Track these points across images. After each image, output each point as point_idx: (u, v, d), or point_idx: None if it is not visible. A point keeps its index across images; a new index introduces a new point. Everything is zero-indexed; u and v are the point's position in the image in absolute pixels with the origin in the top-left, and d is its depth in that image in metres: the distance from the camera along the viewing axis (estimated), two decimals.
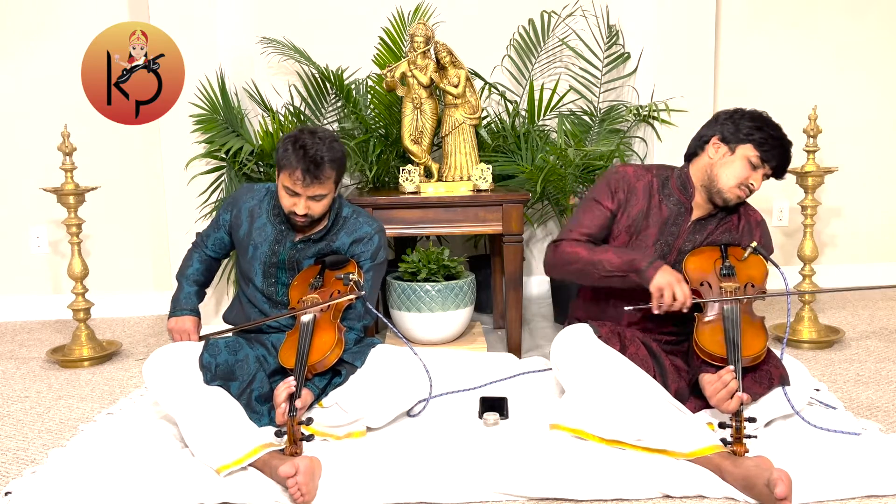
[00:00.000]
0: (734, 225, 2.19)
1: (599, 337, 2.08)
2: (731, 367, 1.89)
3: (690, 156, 2.21)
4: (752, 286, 2.08)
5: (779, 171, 2.14)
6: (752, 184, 2.11)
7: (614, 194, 2.20)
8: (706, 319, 2.04)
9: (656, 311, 2.02)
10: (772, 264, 2.15)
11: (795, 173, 2.90)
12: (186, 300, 2.30)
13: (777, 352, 2.10)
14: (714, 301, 2.04)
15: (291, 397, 1.89)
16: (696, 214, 2.18)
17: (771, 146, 2.09)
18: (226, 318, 2.35)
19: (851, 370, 2.58)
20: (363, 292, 2.12)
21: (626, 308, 2.09)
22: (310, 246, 2.23)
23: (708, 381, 1.93)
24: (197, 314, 2.30)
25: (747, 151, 2.09)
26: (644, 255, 2.08)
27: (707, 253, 2.15)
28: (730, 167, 2.11)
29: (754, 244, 2.13)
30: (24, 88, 3.40)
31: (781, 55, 3.59)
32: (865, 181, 3.71)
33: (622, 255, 2.09)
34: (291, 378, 1.92)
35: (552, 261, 2.23)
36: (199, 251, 2.38)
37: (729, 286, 2.06)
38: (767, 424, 2.04)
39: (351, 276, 2.13)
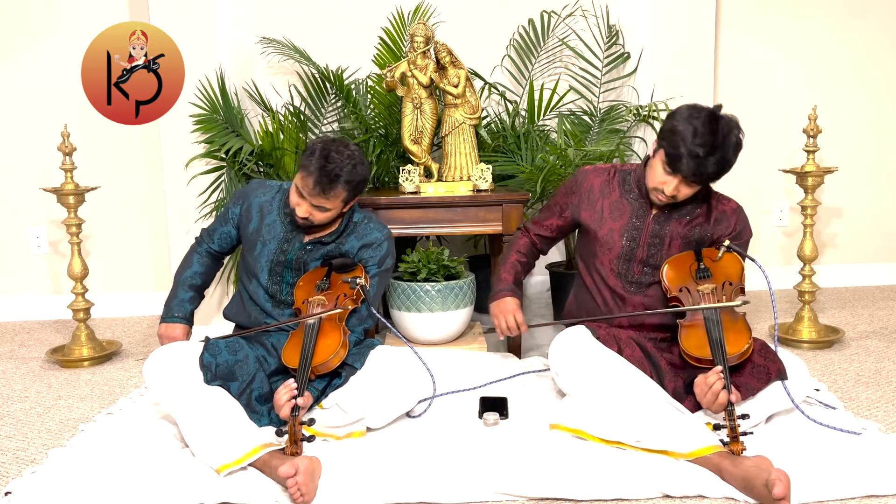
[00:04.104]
0: (705, 219, 2.18)
1: (597, 339, 2.09)
2: (719, 368, 1.90)
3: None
4: (730, 284, 2.10)
5: (696, 181, 2.03)
6: (664, 190, 2.05)
7: (566, 196, 2.31)
8: (688, 324, 2.06)
9: (500, 337, 2.36)
10: (749, 259, 2.17)
11: (795, 173, 2.90)
12: (179, 307, 2.30)
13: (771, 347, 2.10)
14: (690, 309, 2.06)
15: (293, 396, 1.89)
16: (657, 208, 2.18)
17: (678, 157, 1.98)
18: (226, 315, 2.35)
19: (851, 370, 2.58)
20: (370, 294, 2.14)
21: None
22: (319, 248, 2.23)
23: (697, 383, 1.95)
24: (188, 322, 2.30)
25: (661, 156, 2.04)
26: (501, 283, 2.37)
27: (682, 259, 2.17)
28: (651, 169, 2.10)
29: (727, 243, 2.14)
30: (25, 88, 3.40)
31: (781, 55, 3.59)
32: (865, 181, 3.71)
33: (499, 274, 2.39)
34: (292, 381, 1.93)
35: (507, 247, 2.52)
36: (200, 250, 2.37)
37: (705, 288, 2.08)
38: (768, 420, 2.05)
39: (358, 280, 2.14)
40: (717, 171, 2.01)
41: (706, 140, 1.97)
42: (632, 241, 2.17)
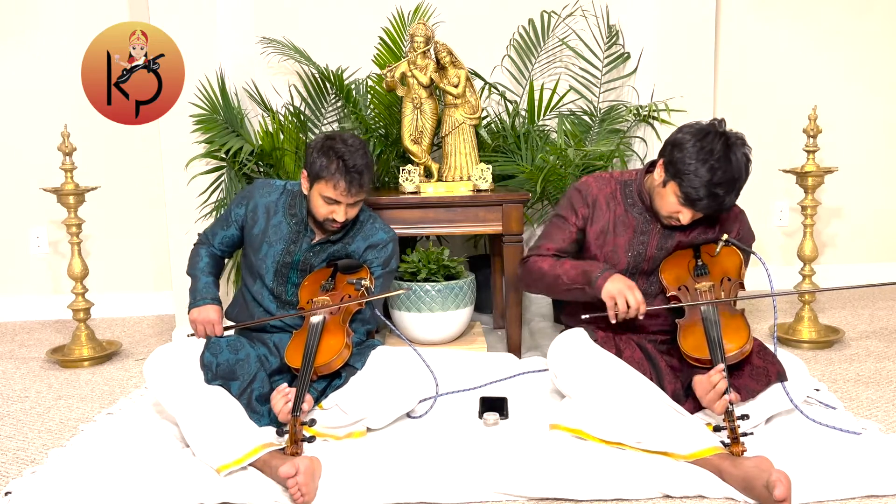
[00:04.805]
0: (710, 224, 2.15)
1: (595, 341, 2.09)
2: (720, 367, 1.88)
3: (653, 164, 2.14)
4: (728, 280, 2.08)
5: (708, 214, 2.03)
6: (679, 219, 2.04)
7: (576, 210, 2.20)
8: (686, 323, 2.04)
9: (613, 321, 2.04)
10: (749, 253, 2.15)
11: (795, 173, 2.90)
12: (206, 289, 2.27)
13: (770, 347, 2.09)
14: (688, 305, 2.04)
15: (296, 395, 1.89)
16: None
17: (698, 198, 1.95)
18: (228, 315, 2.35)
19: (851, 370, 2.58)
20: (376, 295, 2.15)
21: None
22: (326, 248, 2.24)
23: (698, 382, 1.93)
24: (219, 303, 2.27)
25: (675, 189, 2.00)
26: (596, 266, 2.09)
27: (680, 256, 2.15)
28: (662, 197, 2.05)
29: (725, 237, 2.11)
30: (24, 88, 3.39)
31: (782, 55, 3.59)
32: (865, 181, 3.71)
33: (577, 268, 2.11)
34: (285, 385, 1.93)
35: (522, 277, 2.28)
36: (205, 247, 2.37)
37: (703, 286, 2.06)
38: (768, 421, 2.05)
39: (363, 281, 2.14)
40: (736, 198, 2.01)
41: (725, 177, 1.93)
42: (637, 257, 2.14)
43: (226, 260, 2.43)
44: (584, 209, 2.19)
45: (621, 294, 2.01)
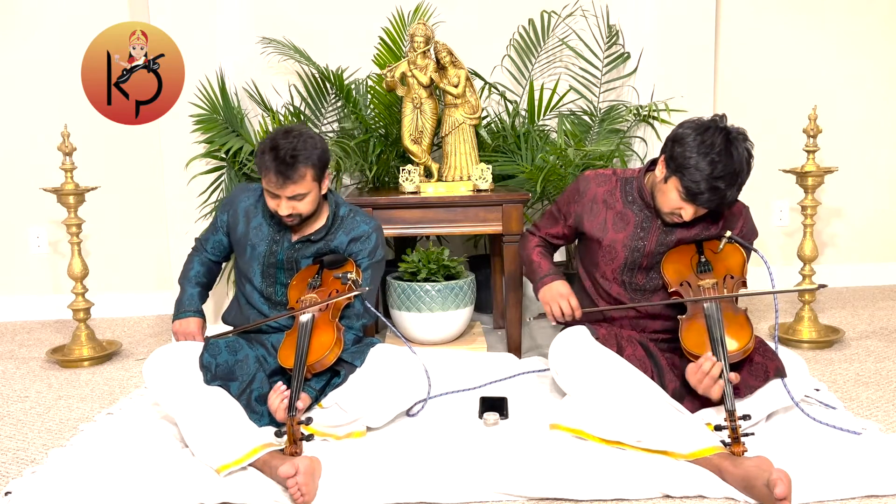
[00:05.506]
0: (713, 221, 2.13)
1: (597, 339, 2.08)
2: (709, 355, 1.88)
3: (654, 163, 2.13)
4: (731, 277, 2.07)
5: (710, 208, 2.02)
6: (681, 215, 2.03)
7: (569, 205, 2.26)
8: (689, 320, 2.03)
9: (553, 322, 2.23)
10: (752, 251, 2.14)
11: (795, 173, 2.90)
12: (189, 302, 2.30)
13: (771, 345, 2.09)
14: (690, 301, 2.04)
15: (290, 395, 1.89)
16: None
17: (699, 192, 1.94)
18: (225, 319, 2.35)
19: (851, 370, 2.58)
20: (365, 288, 2.12)
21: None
22: (308, 246, 2.23)
23: (690, 371, 1.93)
24: (201, 315, 2.30)
25: (676, 185, 1.99)
26: (542, 269, 2.27)
27: (682, 252, 2.14)
28: (664, 193, 2.04)
29: (728, 234, 2.10)
30: (24, 89, 3.40)
31: (782, 55, 3.59)
32: (865, 181, 3.71)
33: (533, 265, 2.30)
34: (282, 385, 1.93)
35: (518, 250, 2.51)
36: (199, 255, 2.37)
37: (706, 283, 2.06)
38: (768, 419, 2.05)
39: (349, 275, 2.13)
40: (738, 193, 2.00)
41: (726, 171, 1.92)
42: (636, 252, 2.14)
43: (222, 265, 2.44)
44: (577, 206, 2.22)
45: (554, 301, 2.19)
